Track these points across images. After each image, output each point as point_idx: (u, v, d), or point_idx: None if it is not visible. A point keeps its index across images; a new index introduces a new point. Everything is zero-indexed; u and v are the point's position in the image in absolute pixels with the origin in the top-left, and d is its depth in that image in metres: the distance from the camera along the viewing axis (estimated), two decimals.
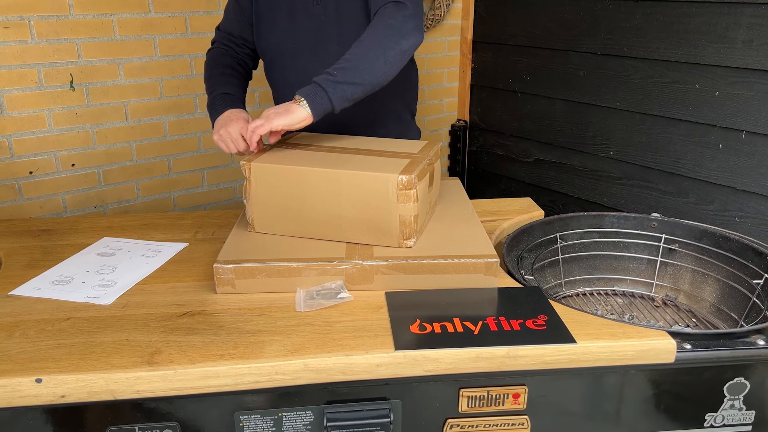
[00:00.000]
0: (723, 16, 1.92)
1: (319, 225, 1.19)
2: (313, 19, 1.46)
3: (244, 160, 1.21)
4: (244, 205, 1.24)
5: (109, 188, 2.28)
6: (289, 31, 1.49)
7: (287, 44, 1.49)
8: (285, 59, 1.51)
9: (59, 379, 0.89)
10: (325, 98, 1.23)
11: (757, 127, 1.90)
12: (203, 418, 0.95)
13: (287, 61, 1.51)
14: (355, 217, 1.17)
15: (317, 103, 1.23)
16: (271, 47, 1.52)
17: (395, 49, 1.29)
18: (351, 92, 1.25)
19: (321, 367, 0.93)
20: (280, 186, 1.19)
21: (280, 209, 1.21)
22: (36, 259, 1.28)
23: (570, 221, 1.46)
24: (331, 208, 1.17)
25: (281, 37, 1.50)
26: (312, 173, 1.16)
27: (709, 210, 2.09)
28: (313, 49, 1.47)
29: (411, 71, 1.64)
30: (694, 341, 0.99)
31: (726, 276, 1.33)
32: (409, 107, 1.67)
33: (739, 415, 1.03)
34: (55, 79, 2.07)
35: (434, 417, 0.99)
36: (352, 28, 1.42)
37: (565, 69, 2.45)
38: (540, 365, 0.96)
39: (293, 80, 1.46)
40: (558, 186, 2.62)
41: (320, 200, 1.17)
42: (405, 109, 1.66)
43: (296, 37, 1.48)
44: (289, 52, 1.50)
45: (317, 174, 1.16)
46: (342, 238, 1.19)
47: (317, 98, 1.23)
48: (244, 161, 1.20)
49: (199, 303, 1.09)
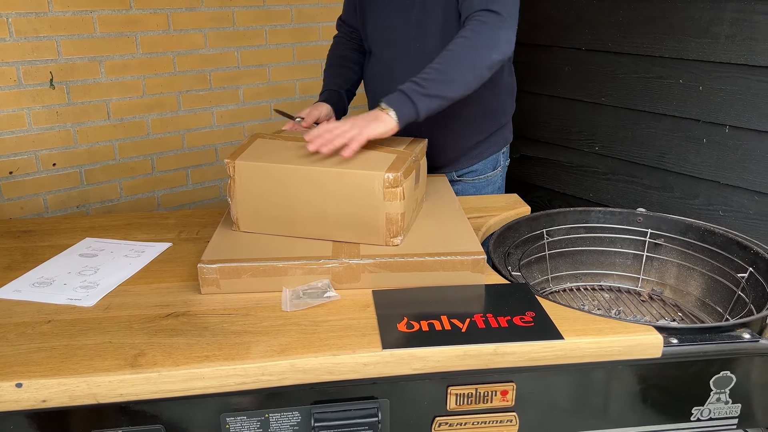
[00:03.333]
0: (706, 11, 1.94)
1: (306, 223, 1.18)
2: (400, 13, 1.50)
3: (228, 158, 1.19)
4: (229, 204, 1.23)
5: (91, 188, 2.25)
6: (380, 24, 1.55)
7: (377, 36, 1.57)
8: (374, 50, 1.60)
9: (40, 383, 0.87)
10: (413, 110, 1.24)
11: (741, 121, 1.92)
12: (189, 420, 0.94)
13: (376, 52, 1.59)
14: (341, 215, 1.16)
15: (404, 114, 1.24)
16: (366, 38, 1.61)
17: (486, 62, 1.30)
18: (437, 105, 1.27)
19: (308, 368, 0.92)
20: (265, 184, 1.18)
21: (265, 208, 1.19)
22: (16, 261, 1.25)
23: (556, 217, 1.47)
24: (317, 206, 1.16)
25: (374, 28, 1.58)
26: (297, 171, 1.15)
27: (694, 204, 2.10)
28: (398, 43, 1.52)
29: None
30: (680, 336, 1.00)
31: (711, 270, 1.34)
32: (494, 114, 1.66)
33: (726, 409, 1.04)
34: (35, 77, 2.04)
35: (422, 415, 0.98)
36: (436, 26, 1.46)
37: (550, 65, 2.46)
38: (528, 362, 0.96)
39: (377, 71, 1.59)
40: (544, 182, 2.62)
41: (306, 198, 1.16)
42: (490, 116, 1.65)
43: (385, 29, 1.55)
44: (378, 44, 1.57)
45: (302, 172, 1.15)
46: (329, 236, 1.18)
47: (405, 109, 1.24)
48: (227, 159, 1.19)
49: (184, 304, 1.07)
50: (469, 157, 1.64)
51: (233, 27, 2.45)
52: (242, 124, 2.60)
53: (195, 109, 2.45)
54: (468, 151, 1.63)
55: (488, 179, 1.68)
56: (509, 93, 1.66)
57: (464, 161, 1.64)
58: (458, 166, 1.64)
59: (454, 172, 1.65)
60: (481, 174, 1.66)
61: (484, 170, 1.66)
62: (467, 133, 1.60)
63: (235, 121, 2.58)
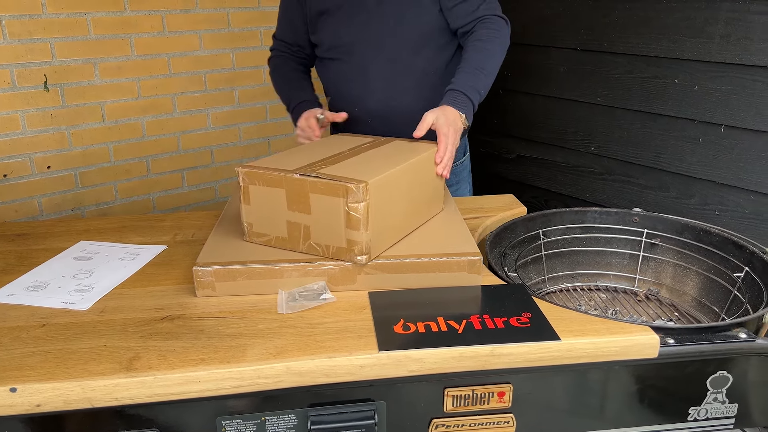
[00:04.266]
0: (701, 11, 1.94)
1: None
2: (369, 13, 1.50)
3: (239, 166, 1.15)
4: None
5: (86, 190, 2.24)
6: (341, 28, 1.54)
7: (339, 40, 1.55)
8: (336, 55, 1.57)
9: (35, 387, 0.86)
10: (471, 111, 1.38)
11: (736, 120, 1.92)
12: (185, 424, 0.93)
13: (341, 57, 1.56)
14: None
15: (469, 117, 1.37)
16: (326, 41, 1.58)
17: (501, 61, 1.46)
18: (478, 101, 1.40)
19: (304, 370, 0.92)
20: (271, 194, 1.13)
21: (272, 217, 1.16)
22: (10, 265, 1.24)
23: (552, 217, 1.47)
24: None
25: (332, 34, 1.55)
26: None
27: (690, 204, 2.10)
28: (369, 42, 1.52)
29: None
30: (677, 336, 1.00)
31: (707, 269, 1.34)
32: None
33: (722, 409, 1.04)
34: (29, 79, 2.03)
35: (419, 417, 0.98)
36: (410, 23, 1.49)
37: (546, 65, 2.46)
38: (524, 363, 0.96)
39: (347, 73, 1.56)
40: (540, 182, 2.62)
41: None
42: None
43: (348, 33, 1.53)
44: (342, 47, 1.55)
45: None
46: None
47: (468, 113, 1.37)
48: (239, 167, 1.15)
49: (179, 307, 1.07)
50: None
51: (228, 28, 2.45)
52: (237, 126, 2.60)
53: (190, 111, 2.44)
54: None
55: (462, 164, 1.75)
56: None
57: None
58: None
59: None
60: (456, 161, 1.70)
61: (458, 157, 1.70)
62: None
63: (231, 123, 2.57)
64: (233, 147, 2.61)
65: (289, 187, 1.10)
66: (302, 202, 1.10)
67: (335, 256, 1.11)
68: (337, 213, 1.07)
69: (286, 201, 1.11)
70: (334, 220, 1.08)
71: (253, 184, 1.13)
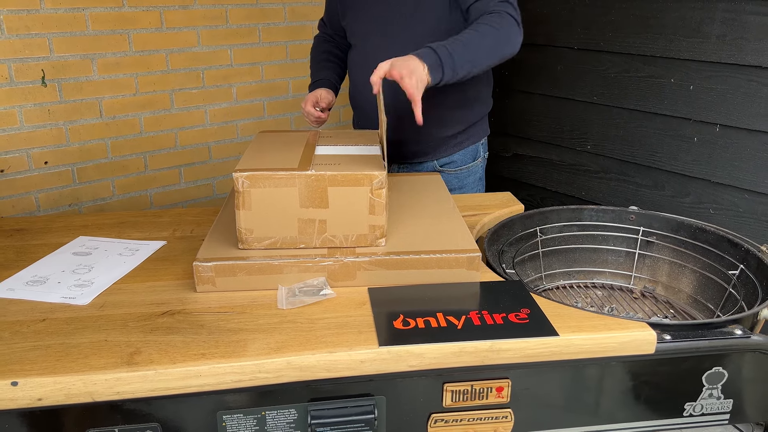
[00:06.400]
0: (697, 11, 1.95)
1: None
2: (387, 4, 1.54)
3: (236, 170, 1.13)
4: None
5: (83, 186, 2.24)
6: (360, 16, 1.60)
7: (358, 28, 1.62)
8: (355, 42, 1.64)
9: (36, 381, 0.87)
10: (440, 74, 1.28)
11: (731, 120, 1.94)
12: (185, 418, 0.94)
13: (357, 44, 1.64)
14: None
15: (435, 76, 1.28)
16: (348, 30, 1.65)
17: (498, 53, 1.42)
18: (451, 78, 1.31)
19: (304, 365, 0.92)
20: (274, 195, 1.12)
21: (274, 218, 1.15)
22: (9, 260, 1.24)
23: (549, 215, 1.47)
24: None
25: (354, 21, 1.62)
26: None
27: (685, 202, 2.12)
28: (381, 32, 1.56)
29: None
30: (673, 332, 1.01)
31: (702, 267, 1.35)
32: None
33: (717, 404, 1.05)
34: (27, 74, 2.02)
35: (419, 412, 0.98)
36: (423, 17, 1.51)
37: (543, 64, 2.47)
38: (523, 358, 0.97)
39: (359, 61, 1.62)
40: (536, 180, 2.63)
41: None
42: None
43: (365, 22, 1.59)
44: (359, 35, 1.62)
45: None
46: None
47: (435, 72, 1.27)
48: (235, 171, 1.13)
49: (179, 302, 1.07)
50: (448, 146, 1.68)
51: (226, 25, 2.45)
52: (235, 123, 2.60)
53: (188, 107, 2.44)
54: (447, 141, 1.67)
55: (470, 170, 1.74)
56: (487, 84, 1.72)
57: (443, 150, 1.69)
58: (438, 155, 1.69)
59: (436, 162, 1.70)
60: (462, 165, 1.71)
61: (464, 161, 1.71)
62: (445, 121, 1.64)
63: (228, 120, 2.57)
64: (231, 143, 2.61)
65: (303, 184, 1.10)
66: (318, 197, 1.11)
67: (355, 244, 1.14)
68: (361, 202, 1.11)
69: (299, 199, 1.11)
70: (357, 209, 1.11)
71: (257, 188, 1.10)
